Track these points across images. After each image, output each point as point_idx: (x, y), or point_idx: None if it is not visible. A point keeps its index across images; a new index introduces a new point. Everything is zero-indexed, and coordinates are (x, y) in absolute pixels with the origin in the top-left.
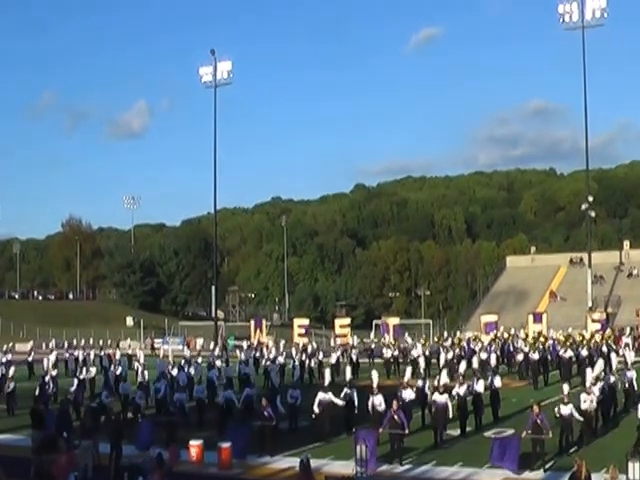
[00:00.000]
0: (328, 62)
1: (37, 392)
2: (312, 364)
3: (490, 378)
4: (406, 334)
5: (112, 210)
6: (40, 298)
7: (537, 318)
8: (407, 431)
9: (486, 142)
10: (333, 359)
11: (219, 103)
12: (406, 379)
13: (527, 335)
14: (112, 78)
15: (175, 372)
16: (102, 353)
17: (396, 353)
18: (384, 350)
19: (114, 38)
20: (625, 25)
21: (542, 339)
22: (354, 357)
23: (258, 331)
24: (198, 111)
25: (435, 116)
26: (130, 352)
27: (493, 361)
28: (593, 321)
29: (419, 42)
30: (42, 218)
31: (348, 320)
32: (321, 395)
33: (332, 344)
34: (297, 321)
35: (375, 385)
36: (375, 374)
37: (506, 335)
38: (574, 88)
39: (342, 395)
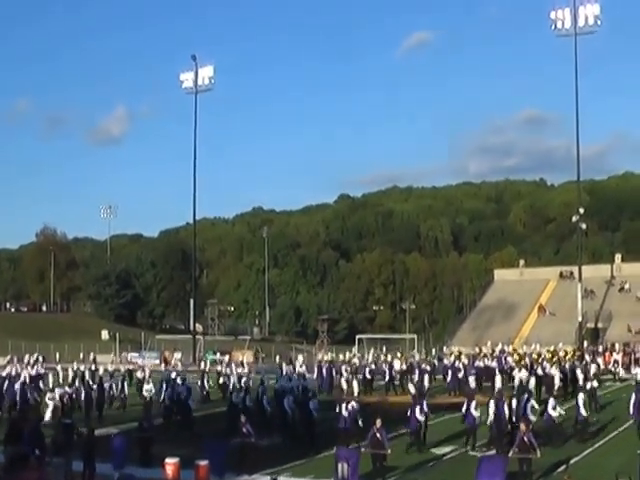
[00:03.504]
0: (313, 69)
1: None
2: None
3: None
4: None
5: (88, 220)
6: (12, 310)
7: None
8: (389, 451)
9: (476, 152)
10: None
11: (200, 109)
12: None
13: (514, 351)
14: (91, 82)
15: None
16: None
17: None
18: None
19: (93, 40)
20: (619, 33)
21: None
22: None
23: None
24: (179, 117)
25: (424, 125)
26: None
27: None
28: None
29: (410, 46)
30: (15, 227)
31: None
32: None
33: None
34: None
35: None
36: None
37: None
38: (567, 97)
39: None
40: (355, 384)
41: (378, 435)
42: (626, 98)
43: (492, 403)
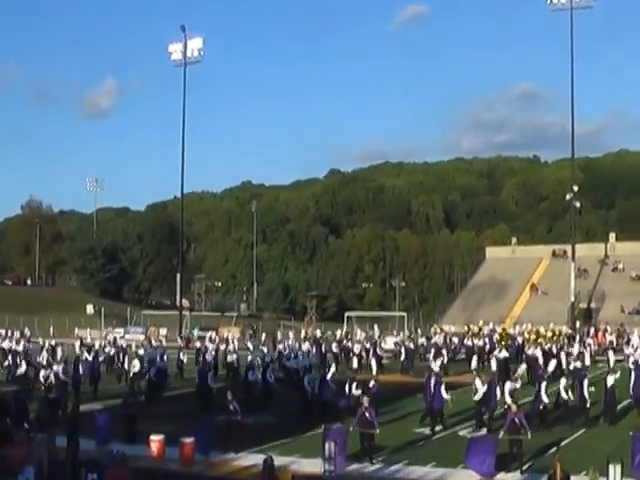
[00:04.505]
0: (305, 42)
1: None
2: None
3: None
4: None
5: (74, 193)
6: None
7: None
8: (377, 430)
9: (469, 127)
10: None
11: (189, 82)
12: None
13: (504, 331)
14: (80, 54)
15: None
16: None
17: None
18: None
19: (82, 11)
20: (616, 10)
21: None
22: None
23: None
24: (167, 90)
25: (416, 100)
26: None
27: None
28: None
29: (404, 20)
30: (0, 200)
31: None
32: None
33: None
34: None
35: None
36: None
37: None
38: (563, 73)
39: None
40: (373, 362)
41: (367, 414)
42: (623, 75)
43: (477, 381)
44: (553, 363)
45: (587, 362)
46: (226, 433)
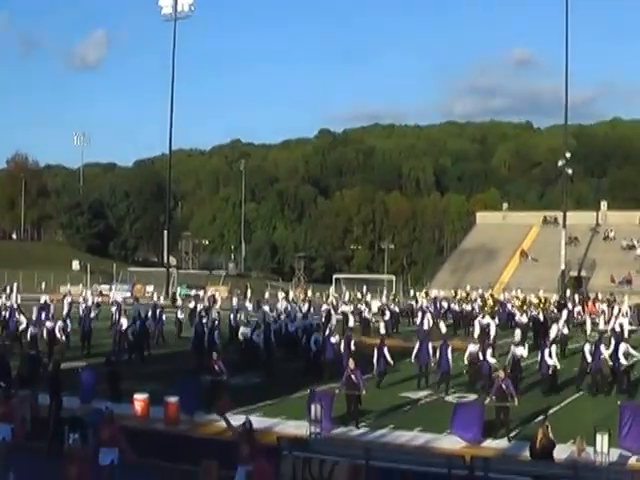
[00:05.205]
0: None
1: None
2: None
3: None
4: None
5: (60, 147)
6: None
7: None
8: (364, 392)
9: (463, 92)
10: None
11: (179, 37)
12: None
13: (492, 296)
14: (68, 3)
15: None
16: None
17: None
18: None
19: None
20: None
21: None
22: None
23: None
24: (157, 45)
25: (410, 62)
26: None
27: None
28: None
29: None
30: None
31: None
32: None
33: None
34: None
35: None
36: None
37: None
38: (558, 39)
39: None
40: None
41: (353, 377)
42: (619, 44)
43: (471, 345)
44: (555, 328)
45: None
46: (211, 394)
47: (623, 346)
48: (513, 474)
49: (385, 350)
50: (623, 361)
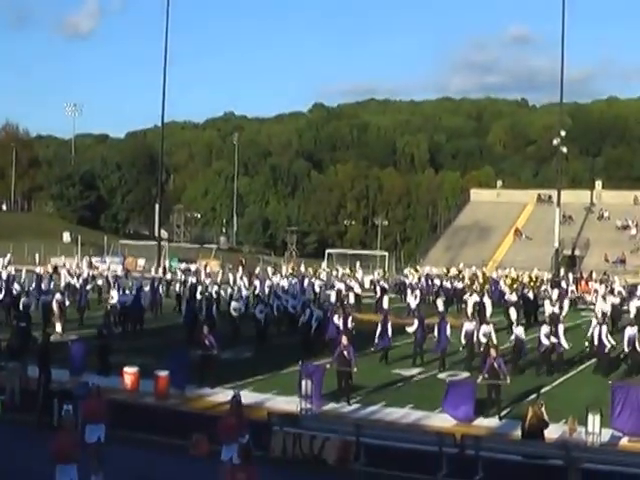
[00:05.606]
0: None
1: None
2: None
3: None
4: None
5: (52, 117)
6: None
7: None
8: (355, 369)
9: (459, 68)
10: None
11: (173, 8)
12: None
13: (484, 274)
14: None
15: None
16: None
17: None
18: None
19: None
20: None
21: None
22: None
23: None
24: (151, 14)
25: (406, 37)
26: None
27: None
28: None
29: None
30: None
31: None
32: None
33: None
34: None
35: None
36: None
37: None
38: (555, 16)
39: None
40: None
41: (345, 353)
42: (616, 22)
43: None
44: (549, 307)
45: (566, 308)
46: (201, 368)
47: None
48: (503, 453)
49: (389, 325)
50: (607, 343)
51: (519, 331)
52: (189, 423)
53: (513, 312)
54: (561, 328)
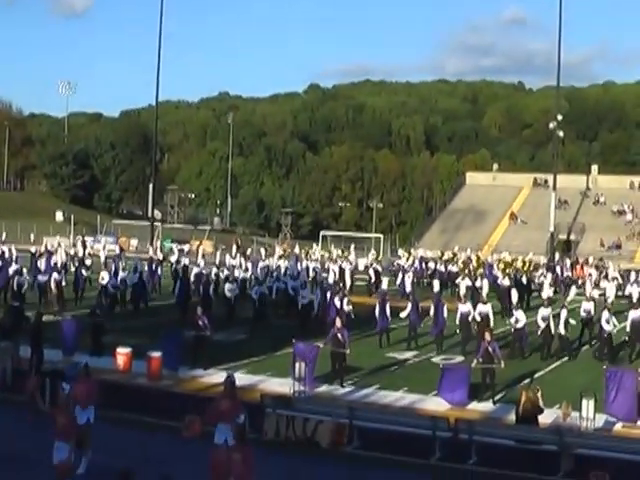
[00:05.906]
0: None
1: None
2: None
3: None
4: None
5: (45, 95)
6: None
7: None
8: (348, 351)
9: (455, 50)
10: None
11: None
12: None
13: (478, 258)
14: None
15: None
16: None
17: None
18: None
19: None
20: None
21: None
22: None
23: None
24: None
25: (402, 18)
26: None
27: None
28: None
29: None
30: None
31: None
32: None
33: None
34: None
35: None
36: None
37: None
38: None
39: None
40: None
41: (339, 335)
42: (614, 6)
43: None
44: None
45: (572, 294)
46: (195, 349)
47: (606, 313)
48: (497, 437)
49: (387, 307)
50: (606, 327)
51: (520, 315)
52: (182, 404)
53: (515, 295)
54: (564, 313)
